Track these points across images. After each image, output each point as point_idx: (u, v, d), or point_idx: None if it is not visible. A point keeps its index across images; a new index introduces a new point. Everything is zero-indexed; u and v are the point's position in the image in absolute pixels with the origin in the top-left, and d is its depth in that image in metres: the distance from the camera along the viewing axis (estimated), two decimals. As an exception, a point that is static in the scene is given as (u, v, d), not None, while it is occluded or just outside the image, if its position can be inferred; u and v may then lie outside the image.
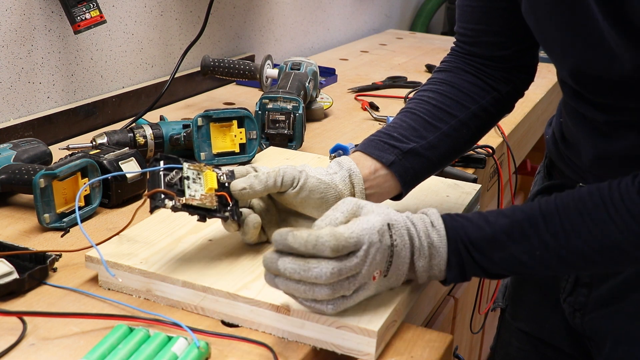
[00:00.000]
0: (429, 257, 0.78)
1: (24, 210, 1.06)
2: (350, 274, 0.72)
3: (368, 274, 0.74)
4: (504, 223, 0.78)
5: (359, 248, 0.72)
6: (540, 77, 2.01)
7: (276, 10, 2.12)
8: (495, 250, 0.77)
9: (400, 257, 0.76)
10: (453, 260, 0.78)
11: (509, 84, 1.00)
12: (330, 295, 0.72)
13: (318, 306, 0.73)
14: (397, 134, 0.93)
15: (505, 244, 0.77)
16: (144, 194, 0.80)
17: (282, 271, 0.72)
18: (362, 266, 0.73)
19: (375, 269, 0.74)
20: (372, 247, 0.73)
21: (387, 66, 2.15)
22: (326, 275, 0.70)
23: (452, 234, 0.78)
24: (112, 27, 1.50)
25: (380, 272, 0.75)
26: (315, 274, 0.70)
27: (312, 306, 0.73)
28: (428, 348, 0.78)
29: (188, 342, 0.73)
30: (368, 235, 0.73)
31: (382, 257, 0.75)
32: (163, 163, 0.83)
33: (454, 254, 0.78)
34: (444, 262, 0.78)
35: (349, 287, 0.73)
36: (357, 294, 0.74)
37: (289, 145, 1.31)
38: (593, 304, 0.97)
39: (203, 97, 1.75)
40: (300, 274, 0.71)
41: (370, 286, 0.75)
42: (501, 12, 0.95)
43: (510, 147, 1.53)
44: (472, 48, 1.00)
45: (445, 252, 0.78)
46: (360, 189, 0.89)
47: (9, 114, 1.31)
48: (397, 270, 0.77)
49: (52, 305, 0.81)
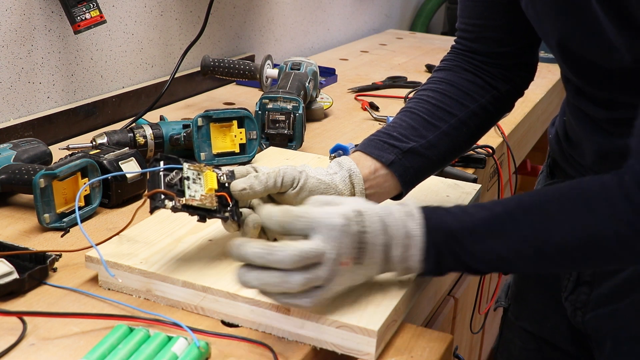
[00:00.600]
0: (405, 247, 0.76)
1: (24, 210, 1.06)
2: (315, 257, 0.71)
3: (335, 257, 0.72)
4: (484, 215, 0.77)
5: (315, 229, 0.72)
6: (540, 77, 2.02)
7: (276, 10, 2.12)
8: (474, 242, 0.76)
9: (373, 245, 0.75)
10: (430, 250, 0.76)
11: (508, 83, 1.00)
12: (302, 285, 0.71)
13: (295, 301, 0.72)
14: (397, 134, 0.93)
15: (483, 235, 0.76)
16: (144, 195, 0.80)
17: (247, 255, 0.71)
18: (326, 248, 0.71)
19: (344, 253, 0.73)
20: (333, 230, 0.72)
21: (387, 66, 2.15)
22: (290, 256, 0.70)
23: (429, 224, 0.77)
24: (112, 27, 1.50)
25: (351, 258, 0.73)
26: (279, 256, 0.70)
27: (289, 302, 0.72)
28: (428, 348, 0.78)
29: (188, 342, 0.73)
30: (327, 219, 0.72)
31: (350, 243, 0.73)
32: (163, 163, 0.83)
33: (431, 244, 0.76)
34: (420, 253, 0.76)
35: (318, 274, 0.71)
36: (331, 282, 0.72)
37: (289, 145, 1.31)
38: (594, 302, 0.97)
39: (203, 97, 1.75)
40: (265, 257, 0.70)
41: (343, 274, 0.73)
42: (503, 7, 0.95)
43: (510, 147, 1.53)
44: (473, 44, 1.00)
45: (421, 242, 0.76)
46: (360, 189, 0.89)
47: (9, 114, 1.31)
48: (371, 258, 0.75)
49: (52, 305, 0.81)
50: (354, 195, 0.89)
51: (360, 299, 0.78)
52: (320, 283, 0.72)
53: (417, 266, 0.77)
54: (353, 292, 0.79)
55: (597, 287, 0.97)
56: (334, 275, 0.72)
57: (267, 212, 0.73)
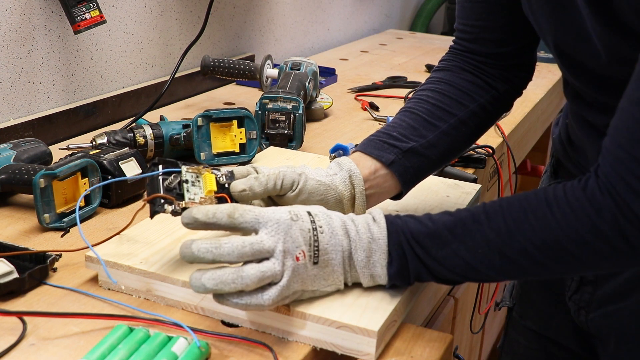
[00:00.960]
0: (369, 252, 0.76)
1: (24, 210, 1.06)
2: (262, 248, 0.72)
3: (284, 249, 0.72)
4: (448, 220, 0.76)
5: (262, 223, 0.73)
6: (540, 77, 2.02)
7: (276, 10, 2.12)
8: (438, 247, 0.75)
9: (329, 245, 0.76)
10: (394, 253, 0.76)
11: (507, 83, 1.00)
12: (257, 279, 0.71)
13: (253, 300, 0.72)
14: (397, 134, 0.93)
15: (447, 239, 0.75)
16: (143, 200, 0.80)
17: (196, 253, 0.71)
18: (274, 240, 0.72)
19: (295, 247, 0.73)
20: (280, 223, 0.73)
21: (387, 66, 2.15)
22: (236, 247, 0.71)
23: (393, 228, 0.77)
24: (112, 27, 1.50)
25: (304, 254, 0.74)
26: (225, 248, 0.71)
27: (248, 303, 0.72)
28: (428, 348, 0.78)
29: (188, 342, 0.73)
30: (273, 213, 0.74)
31: (302, 239, 0.74)
32: (162, 167, 0.83)
33: (395, 247, 0.76)
34: (384, 257, 0.76)
35: (270, 266, 0.71)
36: (287, 277, 0.72)
37: (289, 145, 1.31)
38: (598, 302, 0.97)
39: (203, 97, 1.75)
40: (213, 251, 0.71)
41: (299, 271, 0.74)
42: (501, 9, 0.95)
43: (510, 147, 1.53)
44: (472, 45, 1.00)
45: (385, 245, 0.76)
46: (360, 189, 0.89)
47: (9, 114, 1.31)
48: (328, 260, 0.76)
49: (52, 305, 0.81)
50: (354, 196, 0.89)
51: (360, 299, 0.78)
52: (276, 278, 0.72)
53: (383, 273, 0.77)
54: (353, 292, 0.79)
55: (600, 286, 0.97)
56: (288, 270, 0.73)
57: (215, 208, 0.74)
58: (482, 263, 0.75)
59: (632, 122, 0.69)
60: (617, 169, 0.70)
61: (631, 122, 0.69)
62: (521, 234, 0.73)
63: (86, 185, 1.02)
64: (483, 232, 0.75)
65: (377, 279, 0.78)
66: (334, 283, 0.78)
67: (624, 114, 0.70)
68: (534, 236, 0.73)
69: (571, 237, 0.72)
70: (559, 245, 0.72)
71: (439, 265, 0.76)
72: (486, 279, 0.78)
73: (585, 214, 0.71)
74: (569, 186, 0.74)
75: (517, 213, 0.74)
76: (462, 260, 0.75)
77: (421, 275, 0.77)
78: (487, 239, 0.74)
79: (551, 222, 0.72)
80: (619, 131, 0.71)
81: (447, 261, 0.76)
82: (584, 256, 0.72)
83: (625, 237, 0.70)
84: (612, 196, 0.70)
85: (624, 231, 0.70)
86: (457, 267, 0.76)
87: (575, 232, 0.71)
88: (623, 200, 0.69)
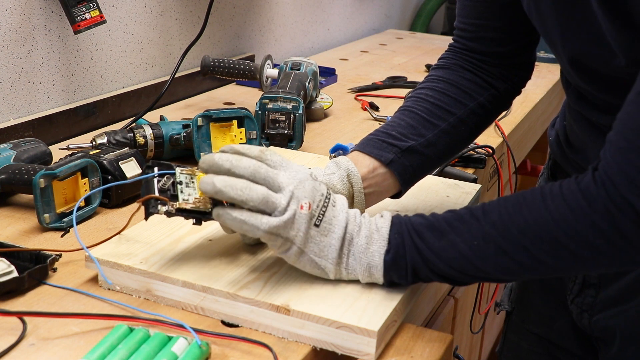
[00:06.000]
0: (369, 240, 0.78)
1: (24, 210, 1.06)
2: (276, 182, 0.77)
3: (294, 193, 0.77)
4: (447, 215, 0.78)
5: (285, 167, 0.80)
6: (540, 77, 2.02)
7: (276, 10, 2.12)
8: (436, 238, 0.76)
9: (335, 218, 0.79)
10: (393, 241, 0.78)
11: (506, 81, 1.00)
12: (262, 197, 0.75)
13: (252, 220, 0.75)
14: (396, 132, 0.93)
15: (444, 231, 0.76)
16: (137, 201, 0.80)
17: (217, 160, 0.77)
18: (287, 181, 0.77)
19: (304, 197, 0.77)
20: (301, 173, 0.79)
21: (387, 66, 2.15)
22: (254, 165, 0.76)
23: (397, 220, 0.79)
24: (112, 27, 1.50)
25: (309, 205, 0.77)
26: (245, 162, 0.76)
27: (246, 219, 0.75)
28: (428, 348, 0.78)
29: (188, 342, 0.73)
30: (298, 166, 0.81)
31: (312, 194, 0.78)
32: (157, 169, 0.83)
33: (395, 235, 0.78)
34: (384, 245, 0.78)
35: (277, 197, 0.76)
36: (288, 216, 0.75)
37: (289, 145, 1.31)
38: (601, 304, 0.97)
39: (203, 97, 1.75)
40: (232, 161, 0.76)
41: (299, 221, 0.76)
42: (502, 8, 0.95)
43: (510, 147, 1.53)
44: (471, 44, 1.00)
45: (386, 233, 0.78)
46: (358, 188, 0.89)
47: (9, 114, 1.31)
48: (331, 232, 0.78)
49: (52, 305, 0.81)
50: (353, 195, 0.89)
51: (361, 299, 0.79)
52: (278, 208, 0.76)
53: (380, 262, 0.78)
54: (353, 292, 0.79)
55: (604, 289, 0.97)
56: (291, 211, 0.76)
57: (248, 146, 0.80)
58: (478, 256, 0.75)
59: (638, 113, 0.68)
60: (617, 158, 0.69)
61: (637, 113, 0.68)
62: (515, 226, 0.73)
63: (86, 185, 1.02)
64: (480, 225, 0.75)
65: (374, 270, 0.78)
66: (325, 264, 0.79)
67: (630, 106, 0.70)
68: (528, 230, 0.73)
69: (563, 228, 0.71)
70: (551, 237, 0.72)
71: (436, 257, 0.76)
72: (483, 276, 0.77)
73: (578, 206, 0.70)
74: (566, 182, 0.74)
75: (513, 207, 0.75)
76: (458, 252, 0.75)
77: (418, 266, 0.77)
78: (483, 231, 0.75)
79: (544, 214, 0.72)
80: (623, 122, 0.70)
81: (442, 252, 0.76)
82: (578, 250, 0.71)
83: (618, 228, 0.69)
84: (606, 187, 0.69)
85: (617, 223, 0.68)
86: (452, 259, 0.76)
87: (567, 224, 0.71)
88: (617, 191, 0.68)
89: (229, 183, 0.75)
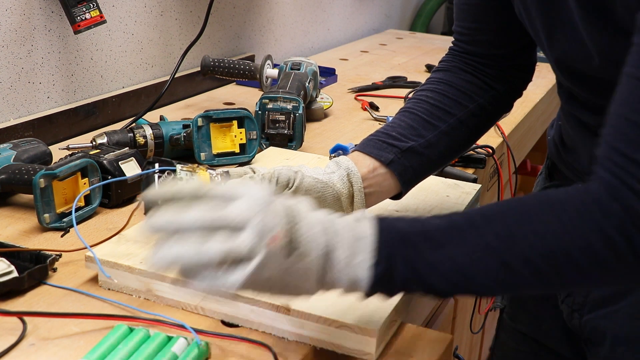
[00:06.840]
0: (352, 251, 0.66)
1: (24, 210, 1.06)
2: (228, 220, 0.62)
3: (260, 225, 0.62)
4: (438, 222, 0.68)
5: (239, 195, 0.64)
6: (540, 77, 2.02)
7: (276, 10, 2.12)
8: (431, 249, 0.66)
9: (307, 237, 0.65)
10: (382, 252, 0.66)
11: (506, 83, 1.00)
12: (221, 253, 0.61)
13: (217, 282, 0.62)
14: (396, 133, 0.94)
15: (441, 241, 0.67)
16: (137, 197, 0.80)
17: (158, 224, 0.63)
18: (250, 212, 0.62)
19: (273, 224, 0.63)
20: (259, 198, 0.63)
21: (387, 66, 2.15)
22: (199, 216, 0.62)
23: (382, 225, 0.67)
24: (112, 27, 1.50)
25: (276, 238, 0.63)
26: (189, 218, 0.62)
27: (211, 284, 0.62)
28: (428, 348, 0.78)
29: (188, 342, 0.73)
30: (253, 188, 0.65)
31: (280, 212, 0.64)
32: (157, 166, 0.83)
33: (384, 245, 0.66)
34: (370, 257, 0.66)
35: (238, 242, 0.61)
36: (257, 257, 0.62)
37: (289, 145, 1.31)
38: (591, 304, 0.97)
39: (203, 97, 1.75)
40: (175, 218, 0.63)
41: (271, 257, 0.62)
42: (496, 11, 0.95)
43: (510, 147, 1.53)
44: (470, 47, 1.00)
45: (372, 244, 0.66)
46: (358, 188, 0.89)
47: (9, 114, 1.31)
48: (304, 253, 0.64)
49: (52, 305, 0.81)
50: (353, 195, 0.89)
51: (360, 299, 0.78)
52: (243, 254, 0.62)
53: (365, 275, 0.66)
54: (353, 292, 0.79)
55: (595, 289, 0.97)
56: (260, 250, 0.62)
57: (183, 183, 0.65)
58: (480, 270, 0.66)
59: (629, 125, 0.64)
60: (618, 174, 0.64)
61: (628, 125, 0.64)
62: (524, 240, 0.66)
63: (86, 185, 1.02)
64: (482, 235, 0.67)
65: (358, 281, 0.66)
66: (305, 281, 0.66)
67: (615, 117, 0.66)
68: (538, 242, 0.65)
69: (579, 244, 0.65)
70: (566, 255, 0.65)
71: (428, 268, 0.67)
72: (479, 290, 0.70)
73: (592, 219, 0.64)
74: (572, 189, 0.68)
75: (520, 216, 0.67)
76: (457, 266, 0.66)
77: (407, 280, 0.67)
78: (486, 243, 0.66)
79: (557, 227, 0.65)
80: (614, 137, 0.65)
81: (439, 265, 0.66)
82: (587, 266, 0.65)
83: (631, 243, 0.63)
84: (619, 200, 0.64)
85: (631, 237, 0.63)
86: (449, 273, 0.67)
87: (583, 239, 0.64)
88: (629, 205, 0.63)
89: (177, 254, 0.62)
